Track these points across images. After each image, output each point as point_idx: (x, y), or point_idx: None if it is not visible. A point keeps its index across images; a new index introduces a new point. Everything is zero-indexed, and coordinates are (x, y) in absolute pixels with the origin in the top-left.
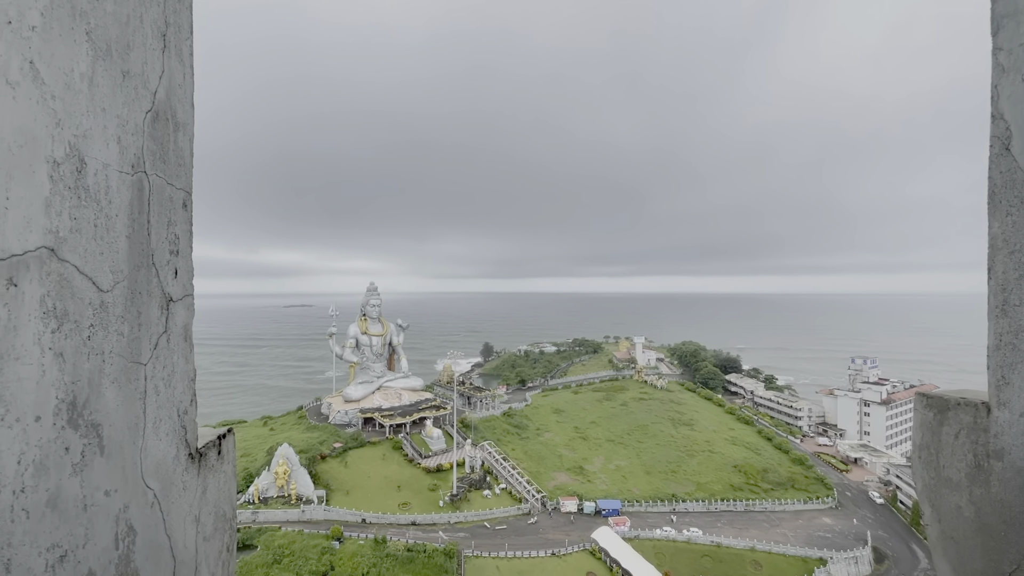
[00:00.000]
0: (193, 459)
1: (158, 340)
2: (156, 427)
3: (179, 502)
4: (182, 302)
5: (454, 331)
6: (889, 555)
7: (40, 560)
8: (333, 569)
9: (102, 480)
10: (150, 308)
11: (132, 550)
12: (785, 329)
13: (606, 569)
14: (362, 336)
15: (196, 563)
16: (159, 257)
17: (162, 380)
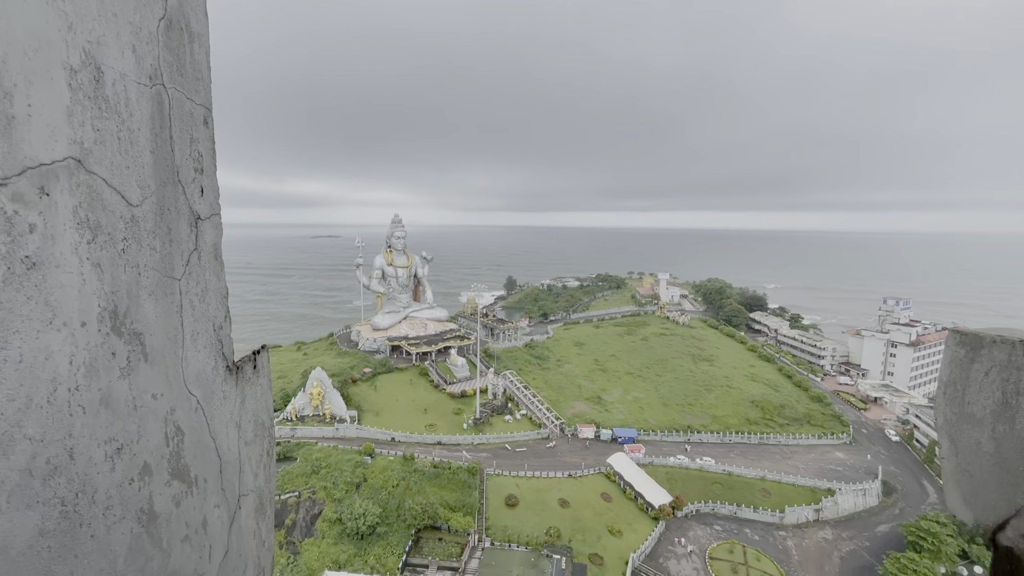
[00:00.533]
0: (231, 371)
1: (189, 257)
2: (194, 339)
3: (220, 409)
4: (210, 221)
5: (478, 264)
6: (898, 489)
7: (99, 451)
8: (366, 481)
9: (148, 384)
10: (179, 225)
11: (181, 447)
12: (817, 268)
13: (619, 491)
14: (388, 267)
15: (240, 464)
16: (184, 174)
17: (196, 296)
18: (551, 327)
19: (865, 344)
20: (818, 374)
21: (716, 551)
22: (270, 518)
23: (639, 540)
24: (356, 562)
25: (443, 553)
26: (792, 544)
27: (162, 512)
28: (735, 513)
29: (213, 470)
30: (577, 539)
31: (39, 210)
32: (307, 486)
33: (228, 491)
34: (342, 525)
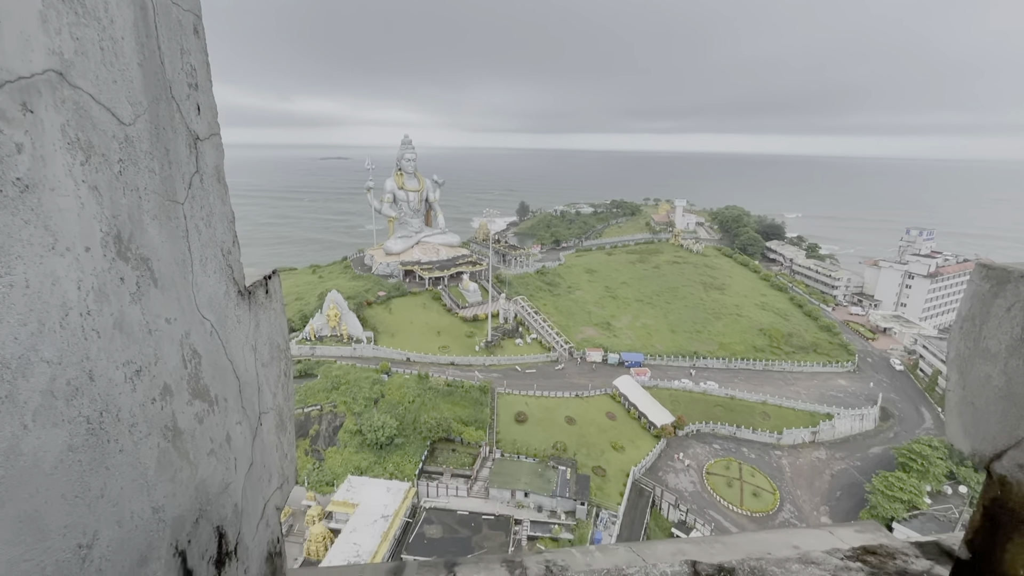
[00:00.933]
0: (243, 296)
1: (191, 180)
2: (203, 264)
3: (235, 333)
4: (209, 141)
5: (490, 189)
6: (896, 415)
7: (119, 372)
8: (383, 396)
9: (161, 309)
10: (177, 146)
11: (200, 369)
12: (842, 196)
13: (624, 411)
14: (399, 191)
15: (258, 384)
16: (178, 90)
17: (202, 220)
18: (563, 254)
19: (881, 275)
20: (830, 304)
21: (713, 467)
22: (291, 433)
23: (640, 455)
24: (376, 468)
25: (456, 462)
26: (786, 463)
27: (186, 428)
28: (734, 434)
29: (232, 390)
30: (582, 453)
31: (24, 128)
32: (328, 400)
33: (248, 409)
34: (362, 436)
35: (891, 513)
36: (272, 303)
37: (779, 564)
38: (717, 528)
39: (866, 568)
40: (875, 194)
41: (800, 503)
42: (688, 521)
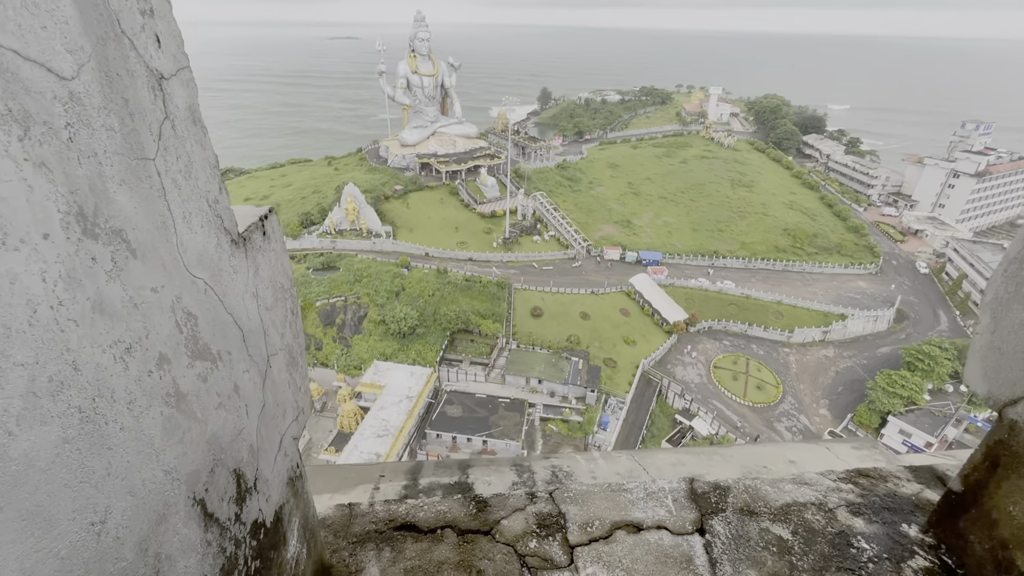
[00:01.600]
0: (237, 244)
1: (160, 128)
2: (187, 221)
3: (233, 285)
4: (177, 77)
5: (510, 73)
6: (911, 317)
7: (106, 355)
8: (404, 290)
9: (144, 280)
10: (138, 92)
11: (197, 330)
12: (899, 83)
13: (638, 307)
14: (412, 75)
15: (264, 329)
16: (128, 22)
17: (180, 172)
18: (586, 147)
19: (924, 173)
20: (862, 204)
21: (721, 361)
22: (302, 367)
23: (651, 349)
24: (400, 355)
25: (475, 351)
26: (793, 359)
27: (190, 390)
28: (745, 331)
29: (236, 342)
30: (595, 346)
31: None
32: (352, 292)
33: (255, 355)
34: (385, 326)
35: (888, 407)
36: (271, 244)
37: (773, 484)
38: (719, 416)
39: (857, 490)
40: (938, 81)
41: (801, 396)
42: (692, 409)
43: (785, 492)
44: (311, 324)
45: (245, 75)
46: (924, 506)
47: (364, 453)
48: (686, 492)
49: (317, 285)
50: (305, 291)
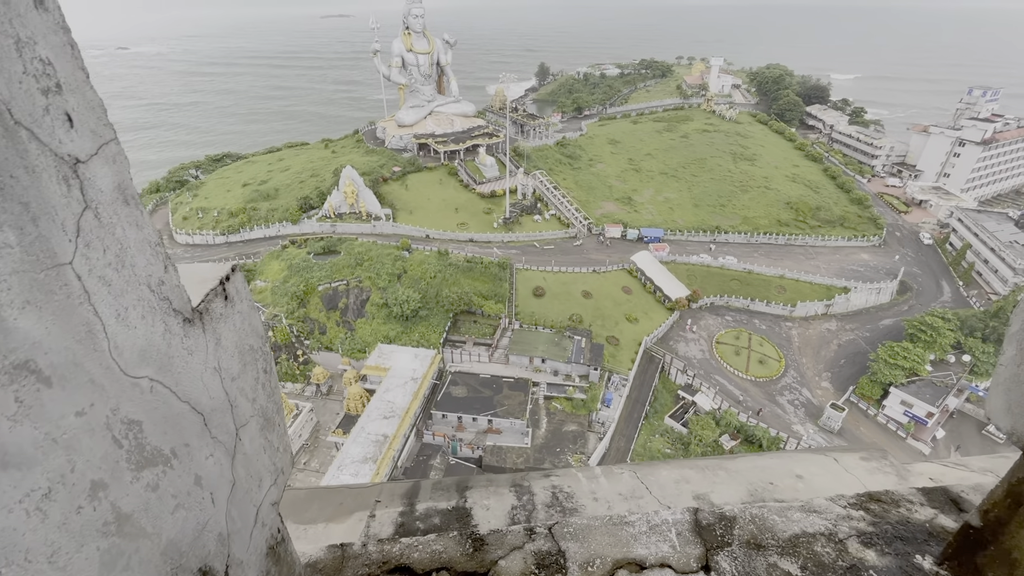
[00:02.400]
0: (192, 322)
1: (79, 223)
2: (123, 319)
3: (188, 368)
4: (99, 155)
5: (507, 49)
6: (914, 288)
7: (16, 514)
8: (406, 272)
9: (65, 407)
10: (43, 189)
11: (142, 436)
12: (906, 51)
13: (640, 285)
14: (407, 54)
15: (231, 402)
16: (23, 108)
17: (109, 266)
18: (585, 123)
19: (929, 142)
20: (866, 175)
21: (723, 337)
22: (280, 424)
23: (653, 326)
24: (403, 338)
25: (478, 332)
26: (796, 333)
27: (136, 508)
28: (748, 306)
29: (194, 429)
30: (597, 324)
31: None
32: (354, 276)
33: (221, 435)
34: (388, 309)
35: (890, 379)
36: (236, 306)
37: (780, 513)
38: (721, 391)
39: (868, 517)
40: (946, 47)
41: (804, 370)
42: (694, 384)
43: (793, 522)
44: (314, 309)
45: (237, 57)
46: (938, 534)
47: (371, 435)
48: (690, 525)
49: (319, 270)
50: (307, 276)
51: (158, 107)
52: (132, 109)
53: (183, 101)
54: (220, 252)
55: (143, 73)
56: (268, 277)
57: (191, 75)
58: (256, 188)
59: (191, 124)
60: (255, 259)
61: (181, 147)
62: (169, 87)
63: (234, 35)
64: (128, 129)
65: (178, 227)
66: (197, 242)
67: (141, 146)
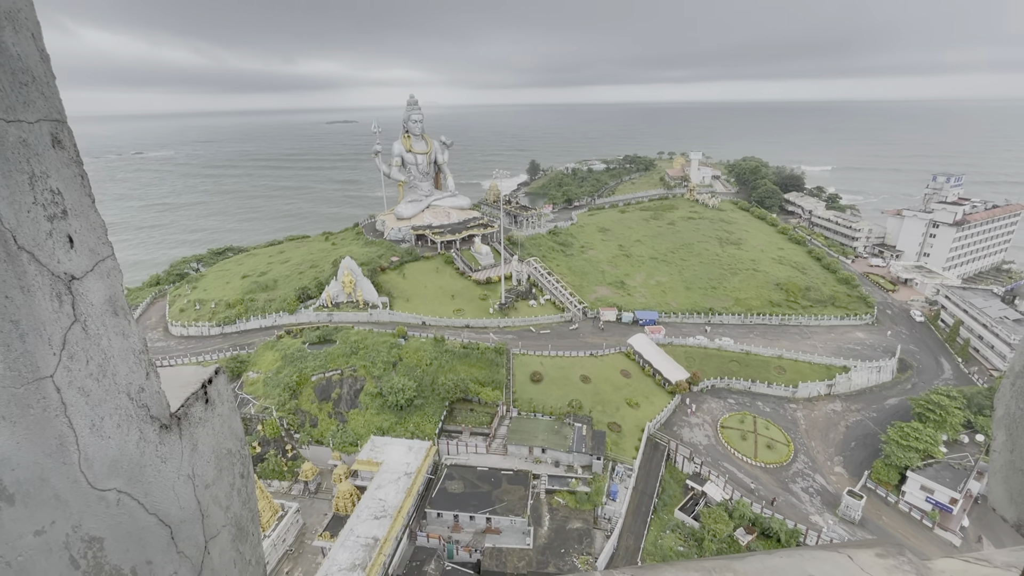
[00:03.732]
0: (168, 428)
1: (66, 337)
2: (97, 429)
3: (160, 477)
4: (95, 272)
5: (499, 148)
6: (914, 366)
7: None
8: (401, 360)
9: (23, 526)
10: (34, 307)
11: (103, 554)
12: (868, 144)
13: (639, 368)
14: (407, 154)
15: (202, 511)
16: (28, 234)
17: (90, 377)
18: (575, 213)
19: (904, 224)
20: (849, 256)
21: (728, 421)
22: (255, 536)
23: (655, 411)
24: (398, 429)
25: (475, 421)
26: (801, 415)
27: None
28: (749, 388)
29: (160, 544)
30: (597, 410)
31: None
32: (348, 365)
33: (188, 548)
34: (383, 398)
35: (905, 462)
36: (216, 410)
37: None
38: (732, 480)
39: None
40: (902, 140)
41: (814, 454)
42: (703, 473)
43: None
44: (306, 400)
45: (244, 160)
46: None
47: (360, 538)
48: None
49: (313, 359)
50: (301, 366)
51: (162, 207)
52: (138, 210)
53: (184, 201)
54: (214, 344)
55: (151, 176)
56: (261, 368)
57: (195, 176)
58: (255, 280)
59: (191, 224)
60: (249, 350)
61: (184, 245)
62: (175, 187)
63: (246, 140)
64: (134, 228)
65: (174, 319)
66: (192, 334)
67: (145, 245)
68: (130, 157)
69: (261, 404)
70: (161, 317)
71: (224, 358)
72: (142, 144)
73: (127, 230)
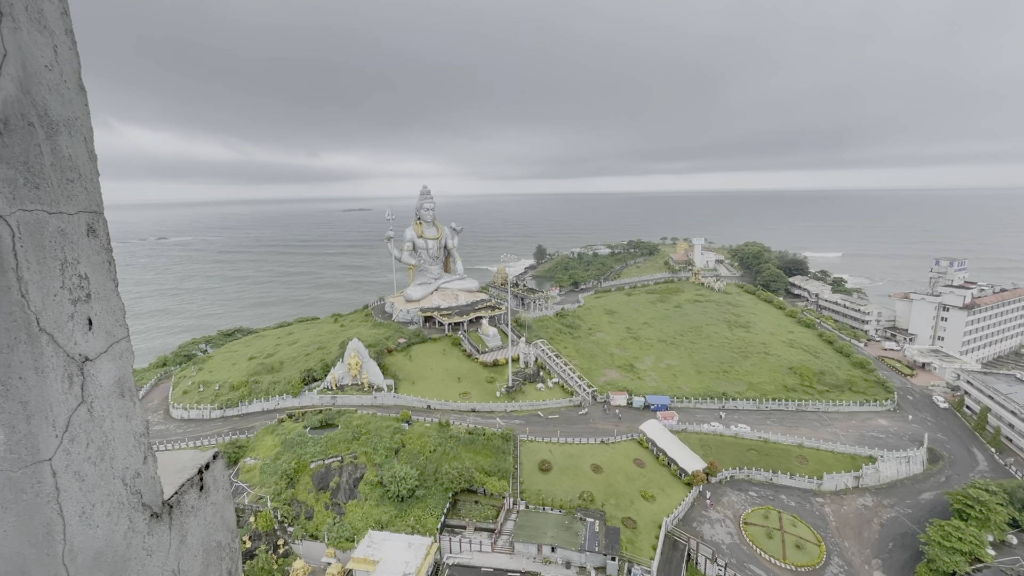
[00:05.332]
0: (159, 517)
1: (70, 419)
2: (86, 518)
3: (143, 570)
4: (108, 353)
5: (507, 234)
6: (945, 456)
7: None
8: (404, 446)
9: None
10: (45, 389)
11: None
12: (865, 230)
13: (652, 457)
14: (418, 239)
15: None
16: (51, 317)
17: (88, 460)
18: (582, 296)
19: (914, 308)
20: (861, 340)
21: (751, 516)
22: None
23: (672, 505)
24: (397, 522)
25: (479, 515)
26: (830, 511)
27: None
28: (771, 479)
29: None
30: (610, 503)
31: None
32: (349, 451)
33: None
34: (383, 488)
35: (952, 567)
36: (211, 497)
37: None
38: None
39: None
40: (900, 226)
41: (849, 556)
42: None
43: None
44: (303, 489)
45: (266, 244)
46: None
47: None
48: None
49: (313, 445)
50: (300, 452)
51: (174, 291)
52: (154, 297)
53: (194, 286)
54: (215, 427)
55: (166, 261)
56: (259, 454)
57: (210, 263)
58: (261, 361)
59: (199, 311)
60: (249, 434)
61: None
62: (191, 271)
63: (268, 227)
64: (145, 314)
65: (176, 401)
66: (193, 416)
67: (157, 330)
68: (153, 243)
69: (256, 493)
70: (164, 399)
71: (222, 443)
72: (166, 230)
73: (138, 316)
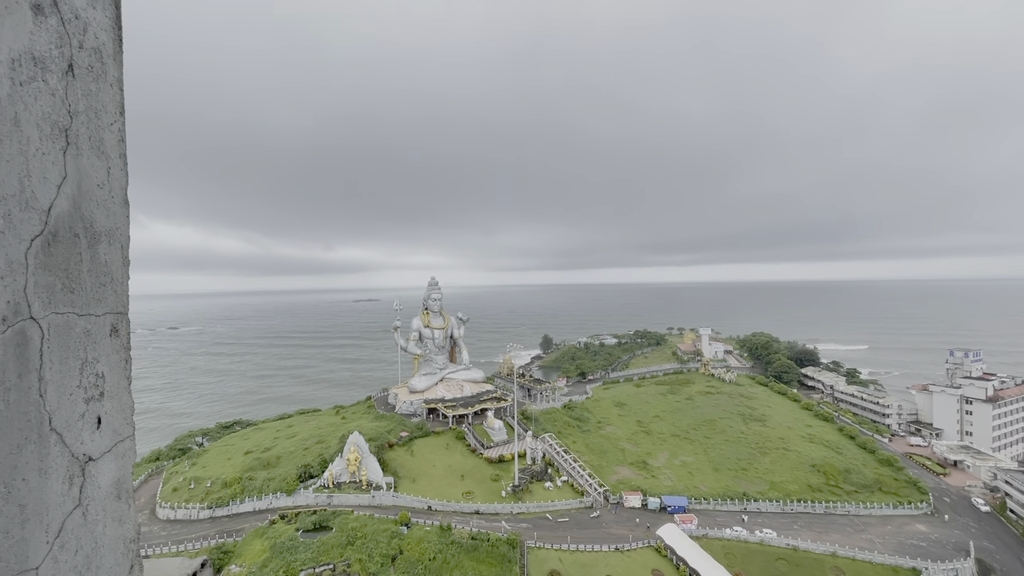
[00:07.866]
0: None
1: (64, 522)
2: None
3: None
4: (112, 453)
5: (514, 324)
6: (997, 569)
7: None
8: (402, 553)
9: None
10: (45, 491)
11: None
12: (871, 320)
13: (672, 567)
14: (425, 329)
15: None
16: (64, 416)
17: (73, 570)
18: (590, 387)
19: (935, 400)
20: (884, 434)
21: None
22: None
23: None
24: None
25: None
26: None
27: None
28: None
29: None
30: None
31: None
32: (342, 558)
33: None
34: None
35: None
36: None
37: None
38: None
39: None
40: (905, 316)
41: None
42: None
43: None
44: None
45: (276, 333)
46: None
47: None
48: None
49: (304, 550)
50: (289, 559)
51: (175, 384)
52: (157, 392)
53: (196, 380)
54: (201, 529)
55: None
56: (246, 560)
57: (210, 356)
58: (258, 456)
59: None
60: (237, 537)
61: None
62: (196, 363)
63: (280, 316)
64: (151, 412)
65: (165, 499)
66: (179, 517)
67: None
68: (165, 332)
69: None
70: (152, 497)
71: (207, 547)
72: (179, 320)
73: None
